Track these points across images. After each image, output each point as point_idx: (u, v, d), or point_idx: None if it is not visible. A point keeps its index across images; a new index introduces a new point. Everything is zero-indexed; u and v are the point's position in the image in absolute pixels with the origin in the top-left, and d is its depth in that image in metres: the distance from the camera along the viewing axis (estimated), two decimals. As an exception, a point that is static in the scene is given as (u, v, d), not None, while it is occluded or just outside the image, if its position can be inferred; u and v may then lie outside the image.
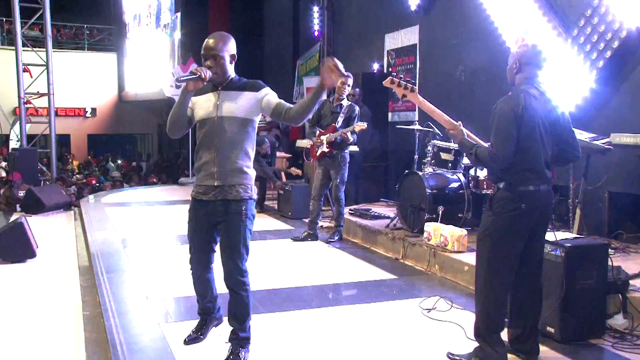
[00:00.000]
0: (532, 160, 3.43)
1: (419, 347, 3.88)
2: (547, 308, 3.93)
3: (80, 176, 15.98)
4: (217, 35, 3.53)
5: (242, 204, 3.54)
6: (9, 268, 6.13)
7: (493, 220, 3.49)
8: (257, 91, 3.54)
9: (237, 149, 3.52)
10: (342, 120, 6.78)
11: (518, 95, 3.44)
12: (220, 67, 3.47)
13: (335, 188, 6.90)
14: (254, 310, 4.57)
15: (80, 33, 23.54)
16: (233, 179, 3.52)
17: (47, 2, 11.62)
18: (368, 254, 6.60)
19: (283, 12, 13.82)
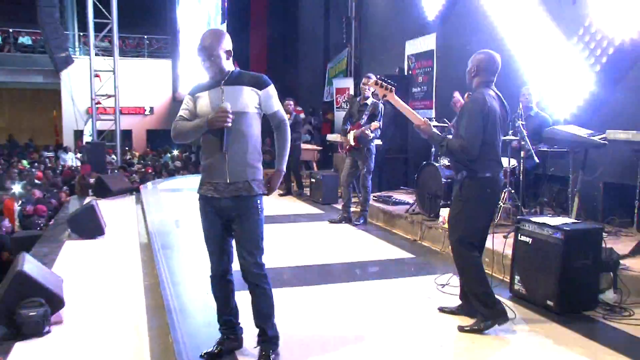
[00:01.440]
0: (495, 151, 3.56)
1: (434, 318, 3.89)
2: (547, 284, 3.93)
3: (140, 166, 16.21)
4: (211, 35, 3.17)
5: (257, 199, 3.15)
6: (83, 243, 6.26)
7: (463, 204, 3.61)
8: (259, 88, 3.15)
9: (247, 144, 3.12)
10: (366, 117, 6.78)
11: (484, 96, 3.51)
12: (216, 65, 3.11)
13: (362, 177, 6.90)
14: (289, 284, 4.66)
15: (141, 43, 23.87)
16: (245, 175, 3.12)
17: (115, 17, 11.79)
18: (389, 235, 6.59)
19: (315, 21, 13.78)
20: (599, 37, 5.84)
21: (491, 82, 3.63)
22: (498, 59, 3.68)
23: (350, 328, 3.71)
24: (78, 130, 19.43)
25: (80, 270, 5.15)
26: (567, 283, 3.83)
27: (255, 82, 3.17)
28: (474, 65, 3.65)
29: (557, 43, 6.33)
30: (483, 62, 3.63)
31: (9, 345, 3.46)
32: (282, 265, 5.22)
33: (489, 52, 3.74)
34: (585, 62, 6.00)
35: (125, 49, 22.45)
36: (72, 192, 11.11)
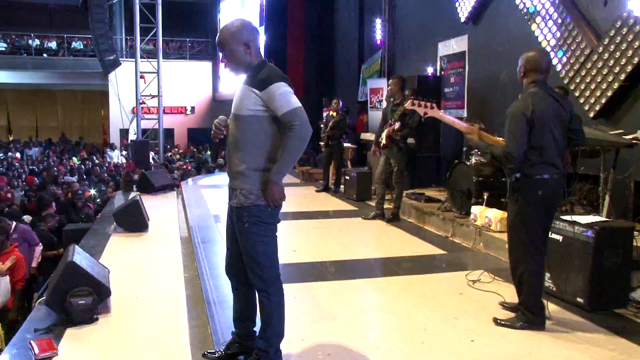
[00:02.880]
0: (545, 154, 3.38)
1: (466, 312, 3.85)
2: (577, 281, 3.85)
3: (181, 163, 16.44)
4: (225, 28, 2.81)
5: (244, 211, 2.78)
6: (128, 236, 6.36)
7: (518, 208, 3.48)
8: (259, 89, 2.71)
9: (240, 150, 2.78)
10: (398, 117, 6.74)
11: (526, 99, 3.38)
12: (234, 59, 2.79)
13: (394, 174, 6.86)
14: (324, 279, 4.67)
15: (184, 46, 24.20)
16: (236, 183, 2.82)
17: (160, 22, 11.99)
18: (421, 232, 6.54)
19: (350, 24, 13.75)
20: (631, 38, 5.68)
21: (541, 82, 3.46)
22: (548, 56, 3.55)
23: (383, 322, 3.70)
24: (124, 129, 19.81)
25: (125, 262, 5.24)
26: (597, 281, 3.75)
27: (256, 81, 2.74)
28: (522, 65, 3.50)
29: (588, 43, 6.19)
30: (531, 61, 3.47)
31: (61, 331, 3.56)
32: (317, 260, 5.23)
33: (538, 50, 3.64)
34: (616, 62, 5.84)
35: (168, 52, 22.82)
36: (117, 187, 11.34)
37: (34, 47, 23.05)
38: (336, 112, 9.02)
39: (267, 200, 2.77)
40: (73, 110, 28.74)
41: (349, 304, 4.03)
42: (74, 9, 17.77)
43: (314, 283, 4.53)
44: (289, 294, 3.38)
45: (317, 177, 10.68)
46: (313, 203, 8.47)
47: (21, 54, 22.95)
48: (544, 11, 6.85)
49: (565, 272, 3.95)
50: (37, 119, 28.29)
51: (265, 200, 2.77)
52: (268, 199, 2.76)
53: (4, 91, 27.27)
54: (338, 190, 9.23)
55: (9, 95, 27.65)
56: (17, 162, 18.58)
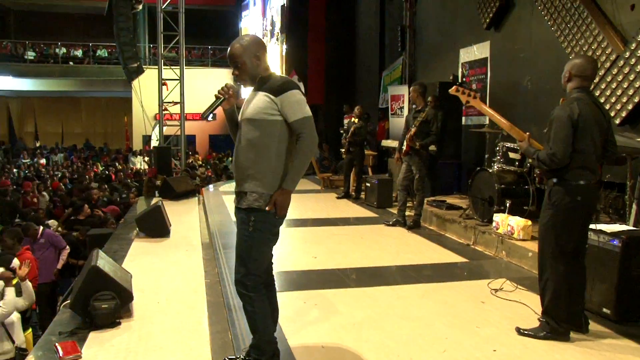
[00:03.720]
0: (586, 159, 3.35)
1: (488, 321, 3.79)
2: (603, 291, 3.77)
3: (203, 169, 16.55)
4: (236, 43, 2.92)
5: (252, 214, 2.83)
6: (150, 241, 6.40)
7: (553, 213, 3.41)
8: (274, 94, 2.81)
9: (251, 153, 2.84)
10: (418, 124, 6.72)
11: (572, 103, 3.34)
12: (245, 72, 2.90)
13: (416, 181, 6.82)
14: (344, 286, 4.65)
15: (205, 53, 24.44)
16: (244, 185, 2.86)
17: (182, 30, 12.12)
18: (442, 239, 6.48)
19: (371, 30, 13.74)
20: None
21: (586, 88, 3.44)
22: (594, 64, 3.50)
23: (403, 330, 3.66)
24: (146, 135, 20.03)
25: (147, 267, 5.27)
26: (624, 291, 3.67)
27: (273, 87, 2.85)
28: (568, 70, 3.46)
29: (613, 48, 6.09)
30: (576, 66, 3.42)
31: (85, 334, 3.59)
32: (338, 267, 5.22)
33: (585, 56, 3.60)
34: (644, 68, 5.73)
35: (190, 59, 23.06)
36: (139, 193, 11.45)
37: (60, 55, 23.50)
38: (358, 118, 9.02)
39: (277, 207, 2.83)
40: (97, 117, 29.23)
41: (370, 312, 4.00)
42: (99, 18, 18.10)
43: (335, 290, 4.51)
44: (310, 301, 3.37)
45: (337, 184, 10.67)
46: (334, 210, 8.46)
47: (49, 63, 23.42)
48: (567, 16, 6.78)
49: (591, 282, 3.87)
50: (63, 125, 28.82)
51: (276, 206, 2.83)
52: (278, 207, 2.83)
53: (31, 99, 27.91)
54: (359, 197, 9.21)
55: (36, 103, 28.26)
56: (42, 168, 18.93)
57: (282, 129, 2.84)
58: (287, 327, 3.61)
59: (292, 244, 6.20)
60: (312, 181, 11.57)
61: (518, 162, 6.22)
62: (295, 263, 5.35)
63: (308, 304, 4.12)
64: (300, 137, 2.82)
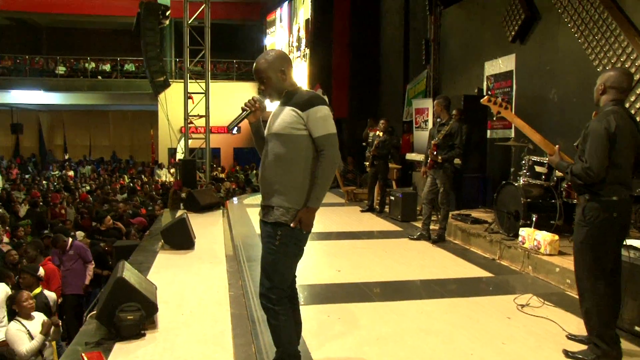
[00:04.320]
0: (621, 174, 3.25)
1: (514, 338, 3.74)
2: (635, 308, 3.68)
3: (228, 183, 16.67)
4: (261, 58, 2.95)
5: (278, 228, 2.86)
6: (175, 254, 6.46)
7: (588, 230, 3.29)
8: (300, 109, 2.84)
9: (278, 168, 2.86)
10: (442, 137, 6.69)
11: (608, 116, 3.24)
12: (271, 87, 2.93)
13: (440, 195, 6.79)
14: (368, 299, 4.63)
15: (230, 67, 24.71)
16: (271, 200, 2.89)
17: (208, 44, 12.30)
18: (467, 253, 6.42)
19: (395, 43, 13.75)
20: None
21: (621, 101, 3.36)
22: (631, 77, 3.42)
23: (428, 345, 3.63)
24: (172, 148, 20.28)
25: (172, 279, 5.32)
26: (657, 309, 3.57)
27: (299, 102, 2.87)
28: (602, 83, 3.37)
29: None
30: (611, 79, 3.34)
31: (110, 345, 3.64)
32: (362, 281, 5.20)
33: (620, 69, 3.52)
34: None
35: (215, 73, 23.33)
36: (165, 205, 11.57)
37: (89, 70, 24.07)
38: (383, 132, 9.03)
39: (302, 224, 2.86)
40: (124, 130, 29.71)
41: (393, 326, 3.97)
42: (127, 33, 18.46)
43: (358, 304, 4.49)
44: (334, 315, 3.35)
45: (361, 197, 10.65)
46: (357, 223, 8.44)
47: (78, 77, 24.01)
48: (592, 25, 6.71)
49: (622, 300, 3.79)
50: (91, 138, 29.37)
51: (301, 223, 2.86)
52: (302, 224, 2.86)
53: (61, 112, 28.58)
54: (383, 211, 9.18)
55: (65, 116, 28.90)
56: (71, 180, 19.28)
57: (309, 143, 2.87)
58: (310, 341, 3.61)
59: (316, 257, 6.19)
60: (336, 194, 11.56)
61: (544, 175, 6.14)
62: (319, 276, 5.34)
63: (332, 318, 4.10)
64: (322, 154, 2.85)
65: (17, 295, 5.20)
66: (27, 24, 26.80)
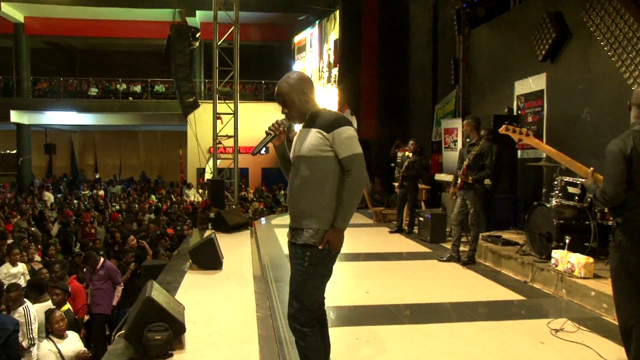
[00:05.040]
0: None
1: (546, 364, 3.66)
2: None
3: (257, 203, 16.76)
4: (282, 81, 3.01)
5: (307, 250, 2.88)
6: (202, 274, 6.50)
7: (621, 255, 3.17)
8: (326, 130, 2.87)
9: (306, 190, 2.89)
10: (472, 157, 6.65)
11: (627, 136, 3.13)
12: (294, 109, 2.98)
13: (470, 216, 6.73)
14: (397, 322, 4.58)
15: (259, 87, 25.02)
16: (300, 222, 2.92)
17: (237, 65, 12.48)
18: (498, 276, 6.32)
19: (424, 63, 13.77)
20: None
21: None
22: None
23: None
24: (200, 168, 20.52)
25: (200, 299, 5.34)
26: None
27: (324, 124, 2.90)
28: (629, 100, 3.29)
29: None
30: (636, 96, 3.24)
31: (137, 365, 3.67)
32: (390, 303, 5.15)
33: None
34: None
35: (244, 93, 23.65)
36: (193, 225, 11.67)
37: (121, 91, 24.68)
38: (412, 152, 9.02)
39: (330, 245, 2.88)
40: (153, 150, 30.22)
41: (423, 350, 3.92)
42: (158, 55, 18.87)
43: (387, 326, 4.45)
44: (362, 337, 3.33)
45: (390, 218, 10.62)
46: (386, 244, 8.40)
47: (109, 98, 24.64)
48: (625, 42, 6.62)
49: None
50: (121, 158, 29.95)
51: (329, 244, 2.87)
52: (332, 244, 2.88)
53: (93, 132, 29.29)
54: (412, 232, 9.13)
55: (97, 136, 29.60)
56: (101, 199, 19.64)
57: (336, 164, 2.90)
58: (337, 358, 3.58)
59: (344, 278, 6.17)
60: (364, 215, 11.54)
61: (578, 196, 6.03)
62: (347, 298, 5.31)
63: (360, 340, 4.07)
64: (348, 175, 2.88)
65: (50, 315, 5.28)
66: (62, 47, 27.77)
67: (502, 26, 9.96)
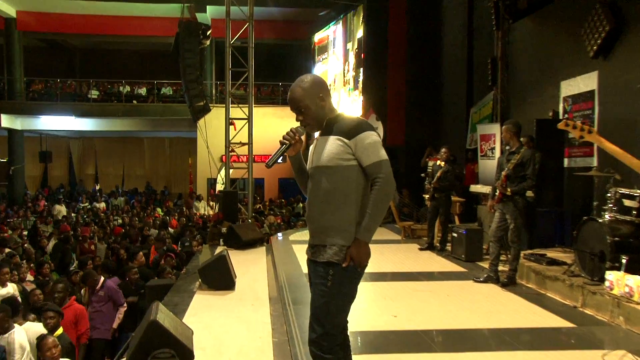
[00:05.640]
0: None
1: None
2: None
3: (273, 217, 16.78)
4: (296, 86, 3.01)
5: (330, 268, 2.88)
6: (213, 294, 6.50)
7: None
8: (347, 137, 2.87)
9: (331, 203, 2.89)
10: (512, 166, 6.57)
11: None
12: (310, 116, 2.98)
13: (510, 232, 6.65)
14: (428, 350, 4.51)
15: (276, 90, 25.11)
16: (322, 238, 2.92)
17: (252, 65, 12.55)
18: (543, 299, 6.21)
19: (458, 63, 13.73)
20: None
21: None
22: None
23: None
24: (211, 178, 20.64)
25: (210, 323, 5.33)
26: None
27: (344, 129, 2.90)
28: None
29: None
30: None
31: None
32: (421, 328, 5.09)
33: None
34: None
35: (259, 97, 23.75)
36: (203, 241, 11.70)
37: (124, 93, 24.86)
38: (444, 161, 8.97)
39: (355, 261, 2.87)
40: (160, 159, 30.47)
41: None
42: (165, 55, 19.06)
43: (417, 354, 4.41)
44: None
45: (420, 234, 10.56)
46: (416, 263, 8.34)
47: (112, 101, 24.79)
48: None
49: None
50: (124, 167, 30.20)
51: (353, 260, 2.86)
52: (356, 259, 2.86)
53: (93, 139, 29.58)
54: (444, 249, 9.06)
55: (98, 143, 29.90)
56: (102, 213, 19.81)
57: (359, 174, 2.92)
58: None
59: (369, 300, 6.12)
60: (392, 230, 11.48)
61: (636, 210, 5.90)
62: (373, 322, 5.26)
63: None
64: (375, 182, 2.87)
65: (41, 341, 5.26)
66: (59, 45, 28.11)
67: (547, 19, 9.85)
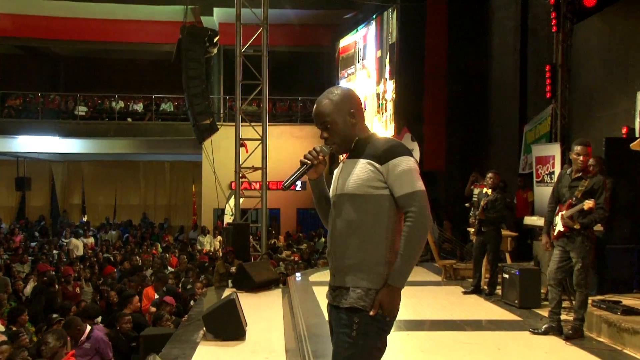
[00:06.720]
0: None
1: None
2: None
3: (289, 252, 16.76)
4: (323, 98, 3.04)
5: (355, 316, 2.86)
6: (220, 346, 6.49)
7: None
8: (378, 161, 2.88)
9: (353, 238, 2.89)
10: (580, 195, 6.49)
11: None
12: (337, 134, 3.01)
13: (576, 274, 6.54)
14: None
15: (294, 105, 25.12)
16: (345, 279, 2.91)
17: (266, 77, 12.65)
18: (619, 356, 6.10)
19: (509, 72, 13.73)
20: None
21: None
22: None
23: None
24: (219, 208, 20.70)
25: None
26: None
27: (376, 153, 2.91)
28: None
29: None
30: None
31: None
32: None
33: None
34: None
35: (275, 113, 23.77)
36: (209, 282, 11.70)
37: (117, 110, 24.90)
38: (492, 189, 8.93)
39: (384, 311, 2.85)
40: (158, 186, 30.57)
41: None
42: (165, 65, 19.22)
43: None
44: None
45: (464, 275, 10.50)
46: (459, 309, 8.27)
47: (102, 119, 24.89)
48: None
49: None
50: (117, 196, 30.32)
51: (382, 309, 2.85)
52: (386, 309, 2.85)
53: (80, 163, 29.54)
54: (493, 293, 9.01)
55: (86, 168, 29.95)
56: (91, 250, 19.90)
57: (391, 204, 2.91)
58: None
59: (404, 353, 6.08)
60: (430, 270, 11.41)
61: None
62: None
63: None
64: (407, 218, 2.88)
65: None
66: (41, 53, 28.30)
67: (620, 17, 9.81)
